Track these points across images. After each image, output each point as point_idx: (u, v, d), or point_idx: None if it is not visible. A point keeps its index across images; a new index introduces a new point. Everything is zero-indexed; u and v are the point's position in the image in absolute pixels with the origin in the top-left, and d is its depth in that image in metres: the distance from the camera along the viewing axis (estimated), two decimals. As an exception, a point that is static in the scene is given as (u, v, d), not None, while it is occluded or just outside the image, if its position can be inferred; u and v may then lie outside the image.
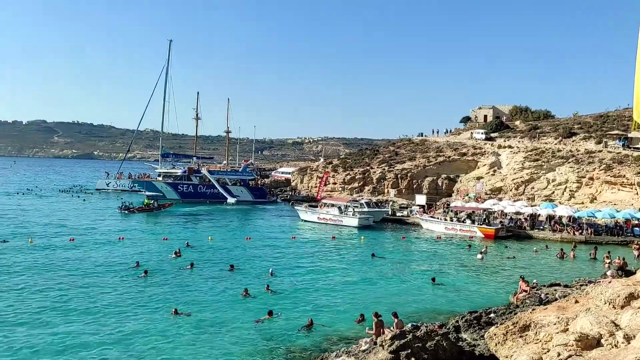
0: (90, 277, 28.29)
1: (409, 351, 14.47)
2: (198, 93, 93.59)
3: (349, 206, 56.10)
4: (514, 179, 63.51)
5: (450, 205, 57.96)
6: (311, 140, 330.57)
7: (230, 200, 76.19)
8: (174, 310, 22.14)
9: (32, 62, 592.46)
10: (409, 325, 17.33)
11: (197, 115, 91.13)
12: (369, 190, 73.18)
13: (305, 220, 57.16)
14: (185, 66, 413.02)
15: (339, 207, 56.37)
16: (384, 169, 74.57)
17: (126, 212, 59.15)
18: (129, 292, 25.76)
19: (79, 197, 76.62)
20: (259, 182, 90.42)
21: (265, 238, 45.30)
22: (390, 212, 60.46)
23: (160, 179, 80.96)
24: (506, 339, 11.25)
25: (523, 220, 52.77)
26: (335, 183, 76.90)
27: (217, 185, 78.53)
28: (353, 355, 16.45)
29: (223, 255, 36.31)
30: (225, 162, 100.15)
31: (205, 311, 22.96)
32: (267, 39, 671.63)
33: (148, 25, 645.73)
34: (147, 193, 78.08)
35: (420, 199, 64.75)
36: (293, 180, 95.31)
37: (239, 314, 22.81)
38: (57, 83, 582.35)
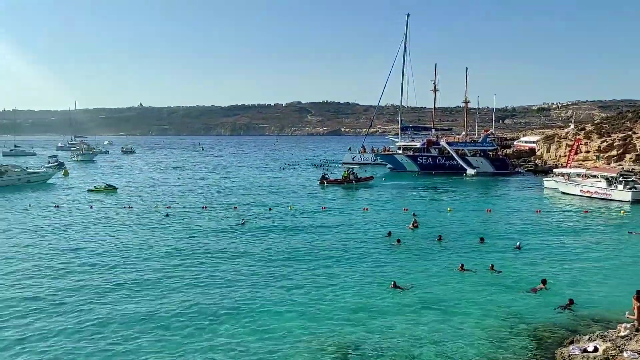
0: (345, 243, 30.99)
1: (681, 342, 12.73)
2: (436, 65, 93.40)
3: (620, 178, 49.17)
4: None
5: None
6: (559, 105, 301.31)
7: (470, 171, 74.75)
8: (393, 283, 22.28)
9: (286, 50, 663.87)
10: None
11: (435, 87, 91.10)
12: (630, 158, 64.04)
13: (565, 193, 52.48)
14: (423, 38, 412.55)
15: (607, 179, 49.83)
16: (651, 134, 64.32)
17: (319, 183, 61.65)
18: (381, 259, 27.43)
19: (327, 170, 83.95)
20: (500, 152, 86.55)
21: (508, 210, 43.54)
22: None
23: (400, 152, 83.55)
24: None
25: None
26: (588, 151, 69.23)
27: (456, 156, 77.74)
28: (609, 340, 15.07)
29: (465, 227, 36.09)
30: (464, 132, 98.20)
31: (446, 285, 23.36)
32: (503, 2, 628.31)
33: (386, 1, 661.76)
34: (389, 166, 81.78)
35: None
36: (538, 150, 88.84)
37: (487, 287, 22.65)
38: (310, 67, 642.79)
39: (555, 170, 60.86)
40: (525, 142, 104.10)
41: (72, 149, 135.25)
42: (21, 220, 38.54)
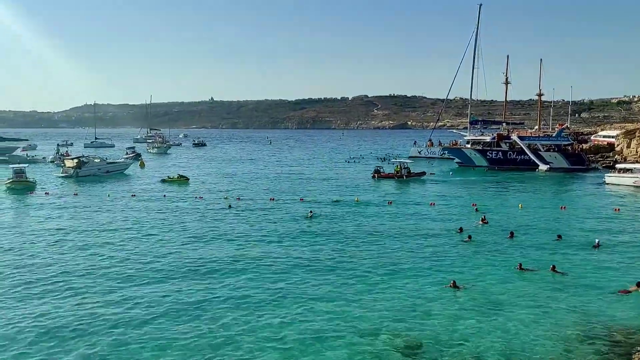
0: (414, 238, 30.79)
1: None
2: (508, 56, 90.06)
3: None
4: None
5: None
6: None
7: (542, 167, 71.91)
8: (452, 282, 21.62)
9: (352, 44, 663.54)
10: None
11: (506, 79, 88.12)
12: None
13: None
14: (495, 28, 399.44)
15: None
16: None
17: (372, 177, 61.99)
18: (451, 255, 27.07)
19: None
20: (576, 147, 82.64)
21: (583, 208, 41.63)
22: None
23: (468, 146, 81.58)
24: None
25: None
26: (675, 147, 64.80)
27: (527, 151, 74.98)
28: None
29: (538, 224, 34.81)
30: (537, 127, 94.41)
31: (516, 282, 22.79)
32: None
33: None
34: (457, 160, 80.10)
35: None
36: (617, 145, 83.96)
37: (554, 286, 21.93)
38: (376, 59, 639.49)
39: (618, 166, 57.69)
40: (604, 136, 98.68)
41: (148, 141, 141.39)
42: (101, 208, 40.94)
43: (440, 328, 17.58)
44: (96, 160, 67.45)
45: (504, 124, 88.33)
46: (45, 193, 48.67)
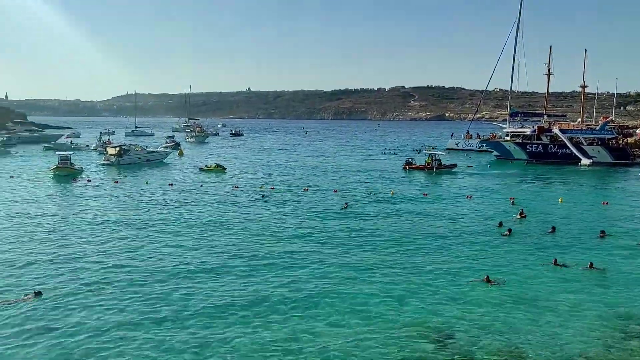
0: (451, 232, 30.51)
1: None
2: (551, 47, 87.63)
3: None
4: None
5: None
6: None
7: (585, 161, 69.86)
8: (485, 277, 21.24)
9: (390, 34, 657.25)
10: None
11: (548, 70, 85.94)
12: None
13: None
14: (537, 18, 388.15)
15: None
16: None
17: (403, 168, 62.15)
18: (489, 249, 26.64)
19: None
20: (621, 141, 79.95)
21: (626, 203, 40.37)
22: None
23: (508, 138, 79.91)
24: None
25: None
26: None
27: (569, 144, 72.93)
28: None
29: (578, 220, 33.94)
30: (579, 119, 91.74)
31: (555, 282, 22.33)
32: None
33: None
34: (495, 153, 78.59)
35: None
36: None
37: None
38: (413, 50, 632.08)
39: None
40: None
41: (187, 130, 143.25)
42: (140, 196, 41.82)
43: (472, 322, 17.39)
44: (137, 149, 68.75)
45: (545, 117, 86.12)
46: (88, 180, 50.06)
